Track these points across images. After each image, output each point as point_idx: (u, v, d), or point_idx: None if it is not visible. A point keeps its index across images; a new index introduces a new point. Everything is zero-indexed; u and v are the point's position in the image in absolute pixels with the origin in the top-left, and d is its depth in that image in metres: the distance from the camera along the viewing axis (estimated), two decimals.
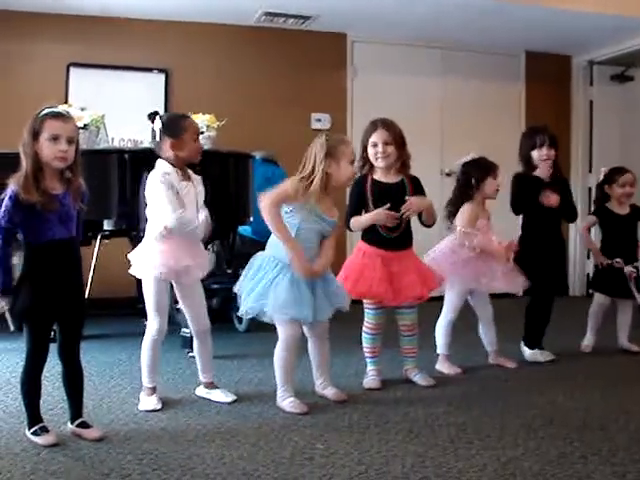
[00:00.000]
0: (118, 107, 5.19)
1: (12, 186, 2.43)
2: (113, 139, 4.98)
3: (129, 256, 3.05)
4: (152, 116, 3.11)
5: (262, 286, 2.97)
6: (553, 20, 5.73)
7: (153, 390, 3.08)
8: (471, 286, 3.67)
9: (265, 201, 2.96)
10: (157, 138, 3.08)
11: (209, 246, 4.68)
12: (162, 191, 2.92)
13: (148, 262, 2.98)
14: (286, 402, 3.00)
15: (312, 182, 2.96)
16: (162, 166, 2.99)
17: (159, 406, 3.00)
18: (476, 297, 3.77)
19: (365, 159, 3.39)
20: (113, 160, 4.19)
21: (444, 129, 6.48)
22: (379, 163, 3.35)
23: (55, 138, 2.45)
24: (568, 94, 6.94)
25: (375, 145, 3.33)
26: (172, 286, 3.11)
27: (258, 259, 3.05)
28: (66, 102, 5.00)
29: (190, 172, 3.11)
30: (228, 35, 5.94)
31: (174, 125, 3.04)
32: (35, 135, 2.45)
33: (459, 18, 5.75)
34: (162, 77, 5.79)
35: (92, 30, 5.56)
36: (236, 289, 3.05)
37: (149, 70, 5.74)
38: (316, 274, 2.99)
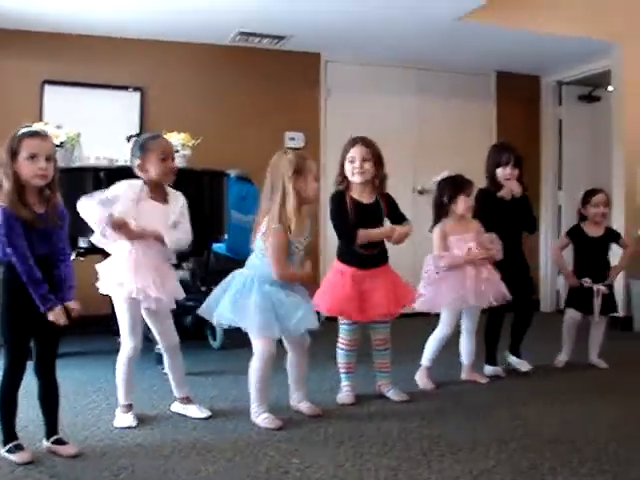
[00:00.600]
0: (93, 125, 5.19)
1: (2, 206, 2.45)
2: (89, 157, 4.99)
3: (97, 267, 3.06)
4: (129, 138, 3.14)
5: (238, 300, 2.99)
6: (522, 41, 5.85)
7: (129, 407, 3.08)
8: (462, 306, 3.72)
9: (278, 271, 2.98)
10: (130, 159, 3.12)
11: (183, 264, 4.68)
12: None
13: (115, 281, 2.99)
14: (260, 418, 3.02)
15: (286, 203, 2.98)
16: (134, 179, 3.04)
17: (134, 423, 3.00)
18: (469, 309, 3.81)
19: (343, 176, 3.43)
20: (89, 178, 4.20)
21: (417, 147, 6.56)
22: (355, 178, 3.38)
23: (33, 156, 2.49)
24: (538, 113, 7.07)
25: (353, 161, 3.37)
26: None
27: (238, 277, 3.06)
28: (41, 120, 5.00)
29: (171, 192, 3.12)
30: (203, 54, 5.98)
31: (140, 146, 3.06)
32: (13, 155, 2.48)
33: (431, 39, 5.84)
34: (137, 95, 5.79)
35: (67, 48, 5.56)
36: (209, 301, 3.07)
37: (124, 88, 5.75)
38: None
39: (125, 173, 3.14)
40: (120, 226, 2.92)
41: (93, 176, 4.22)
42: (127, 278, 2.96)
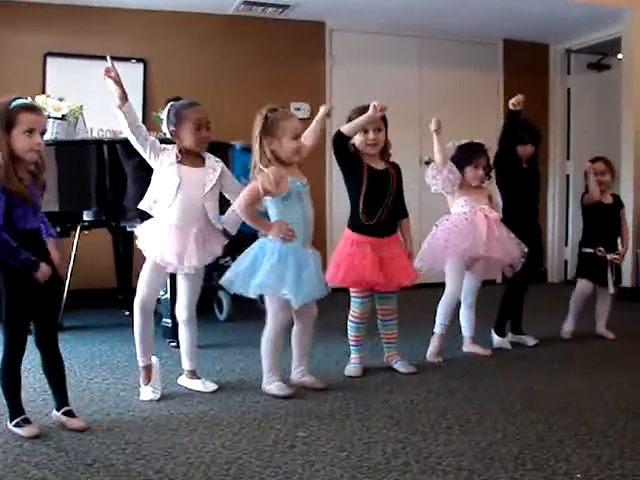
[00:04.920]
0: (96, 97, 5.11)
1: None
2: (92, 129, 4.95)
3: (136, 231, 3.08)
4: (167, 101, 3.15)
5: (258, 264, 2.97)
6: (531, 8, 5.76)
7: (147, 370, 3.06)
8: (470, 254, 3.69)
9: (239, 205, 2.98)
10: (164, 126, 3.12)
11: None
12: None
13: (150, 243, 3.01)
14: (272, 385, 3.04)
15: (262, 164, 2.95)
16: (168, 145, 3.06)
17: (157, 396, 3.01)
18: (470, 279, 3.81)
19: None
20: (92, 151, 4.18)
21: (423, 118, 6.46)
22: (368, 150, 3.33)
23: (31, 131, 2.45)
24: (546, 82, 6.99)
25: (366, 131, 3.30)
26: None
27: (258, 243, 3.04)
28: (43, 92, 4.96)
29: (209, 160, 3.12)
30: (207, 24, 5.91)
31: (175, 113, 3.06)
32: (7, 127, 2.42)
33: (437, 6, 5.76)
34: (140, 66, 5.75)
35: (69, 19, 5.51)
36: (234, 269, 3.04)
37: (127, 60, 5.69)
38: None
39: (129, 145, 3.11)
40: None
41: (96, 148, 4.19)
42: (156, 240, 2.99)
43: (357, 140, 3.33)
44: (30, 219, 2.50)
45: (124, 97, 2.89)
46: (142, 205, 3.05)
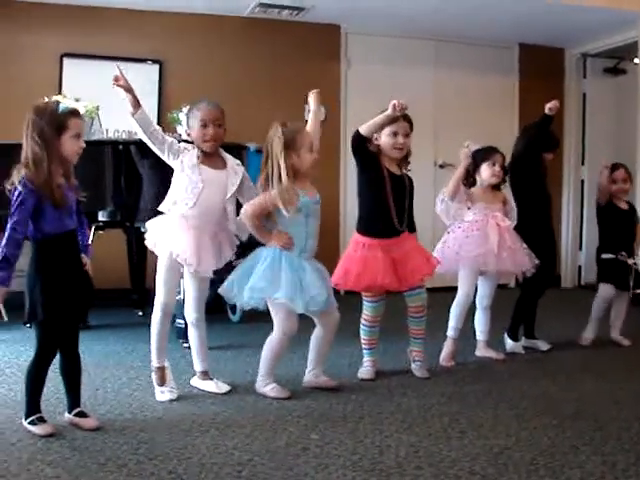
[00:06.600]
0: (112, 98, 5.14)
1: (25, 180, 2.44)
2: (107, 130, 4.98)
3: (147, 225, 3.08)
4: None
5: (269, 274, 2.97)
6: (547, 13, 5.73)
7: (162, 371, 3.08)
8: (480, 266, 3.68)
9: (246, 213, 3.00)
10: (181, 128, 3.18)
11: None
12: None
13: (165, 241, 3.01)
14: (268, 388, 3.06)
15: (280, 177, 2.95)
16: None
17: (174, 396, 3.03)
18: (485, 283, 3.81)
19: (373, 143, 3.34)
20: (107, 151, 4.20)
21: (438, 121, 6.48)
22: (395, 154, 3.32)
23: (78, 136, 2.53)
24: (561, 87, 6.94)
25: (395, 135, 3.30)
26: None
27: (265, 253, 3.03)
28: (60, 93, 4.99)
29: (231, 162, 3.14)
30: (222, 26, 5.92)
31: (187, 115, 3.10)
32: (58, 131, 2.48)
33: (453, 10, 5.74)
34: (156, 68, 5.76)
35: (86, 20, 5.53)
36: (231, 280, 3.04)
37: (143, 61, 5.71)
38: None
39: (144, 146, 3.13)
40: None
41: (112, 149, 4.22)
42: (171, 238, 2.99)
43: (384, 142, 3.32)
44: (66, 221, 2.54)
45: (136, 104, 2.93)
46: (163, 207, 3.05)
